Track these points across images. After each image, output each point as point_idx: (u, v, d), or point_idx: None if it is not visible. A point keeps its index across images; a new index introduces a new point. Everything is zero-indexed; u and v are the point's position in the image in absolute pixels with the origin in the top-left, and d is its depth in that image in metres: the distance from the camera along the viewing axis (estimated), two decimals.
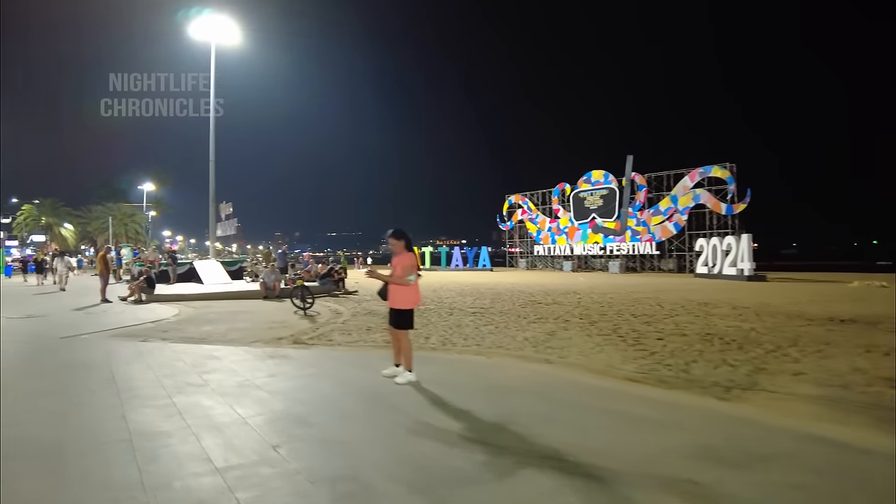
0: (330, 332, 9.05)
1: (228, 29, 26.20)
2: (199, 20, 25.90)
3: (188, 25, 26.14)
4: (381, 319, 10.62)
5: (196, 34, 25.93)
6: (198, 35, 25.92)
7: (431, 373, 5.63)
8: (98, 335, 8.82)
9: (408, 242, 5.48)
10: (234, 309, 12.71)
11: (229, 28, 26.22)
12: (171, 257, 22.88)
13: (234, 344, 7.94)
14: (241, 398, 4.87)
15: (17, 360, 6.74)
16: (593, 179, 35.28)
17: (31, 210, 65.07)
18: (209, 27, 25.74)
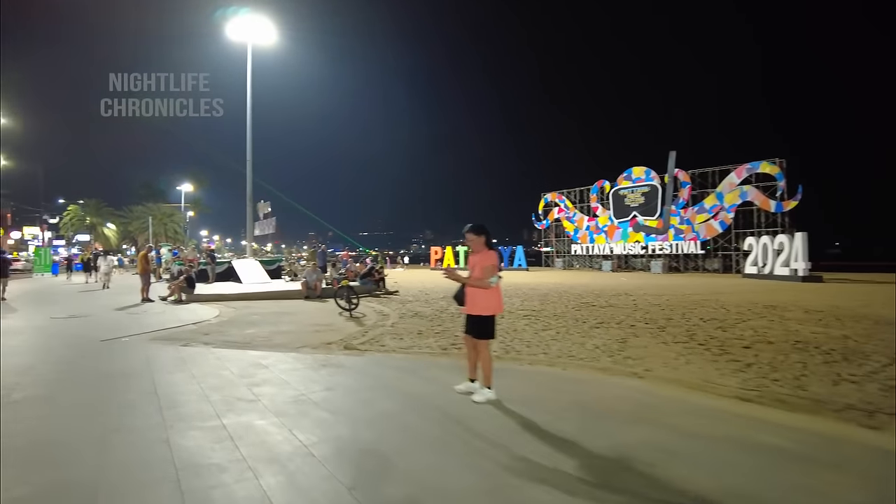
0: (380, 336, 8.37)
1: (264, 29, 25.90)
2: (236, 20, 25.67)
3: (225, 26, 25.96)
4: (429, 322, 9.92)
5: (233, 35, 25.72)
6: (235, 35, 25.70)
7: (506, 387, 4.87)
8: (138, 338, 8.32)
9: (488, 238, 4.73)
10: (276, 310, 12.17)
11: (265, 28, 25.93)
12: (209, 256, 22.61)
13: (281, 350, 7.32)
14: (299, 419, 4.19)
15: (59, 367, 6.23)
16: (634, 176, 33.99)
17: (76, 210, 66.48)
18: (246, 27, 25.49)
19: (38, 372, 5.90)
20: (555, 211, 38.80)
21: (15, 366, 6.24)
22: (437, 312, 11.46)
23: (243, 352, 7.08)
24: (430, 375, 5.65)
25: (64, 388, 5.24)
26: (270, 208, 25.05)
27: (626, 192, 34.33)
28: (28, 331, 9.23)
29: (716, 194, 30.12)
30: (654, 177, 33.07)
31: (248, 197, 26.49)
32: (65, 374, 5.80)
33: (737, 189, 29.22)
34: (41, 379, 5.60)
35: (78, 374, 5.81)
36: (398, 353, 7.08)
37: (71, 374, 5.81)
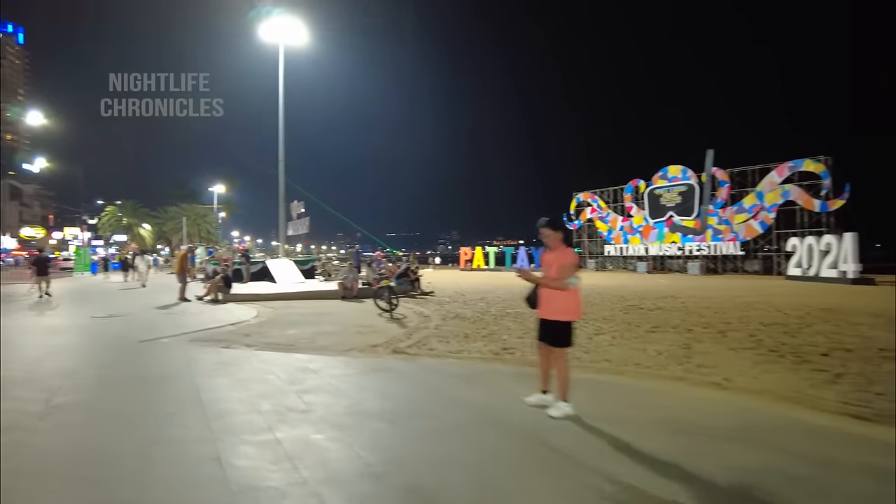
0: (426, 339, 7.94)
1: (296, 30, 25.76)
2: (268, 22, 25.59)
3: (258, 27, 25.90)
4: (473, 325, 9.47)
5: (265, 36, 25.66)
6: (267, 36, 25.62)
7: (580, 400, 4.33)
8: (177, 339, 8.04)
9: (566, 234, 4.24)
10: (315, 310, 11.86)
11: (296, 29, 25.79)
12: (244, 256, 22.55)
13: (326, 353, 6.95)
14: (359, 433, 3.78)
15: (100, 371, 5.96)
16: (670, 175, 33.01)
17: (113, 211, 67.91)
18: (278, 28, 25.38)
19: (80, 375, 5.63)
20: (587, 211, 37.93)
21: (58, 368, 5.99)
22: (478, 314, 11.00)
23: (288, 355, 6.72)
24: (492, 384, 5.19)
25: (105, 393, 4.93)
26: (304, 208, 24.89)
27: (661, 191, 33.36)
28: (71, 330, 9.08)
29: (755, 193, 29.03)
30: (690, 175, 32.07)
31: (281, 197, 26.40)
32: (106, 378, 5.51)
33: (778, 188, 28.11)
34: (83, 383, 5.31)
35: (119, 379, 5.50)
36: (449, 357, 6.64)
37: (112, 379, 5.51)
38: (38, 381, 5.38)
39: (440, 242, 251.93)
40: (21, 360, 6.44)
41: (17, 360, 6.50)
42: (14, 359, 6.55)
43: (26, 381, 5.37)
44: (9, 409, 4.33)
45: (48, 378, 5.48)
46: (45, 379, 5.46)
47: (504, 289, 18.49)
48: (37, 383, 5.27)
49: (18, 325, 9.97)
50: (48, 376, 5.58)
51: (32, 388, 5.05)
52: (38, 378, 5.50)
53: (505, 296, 15.38)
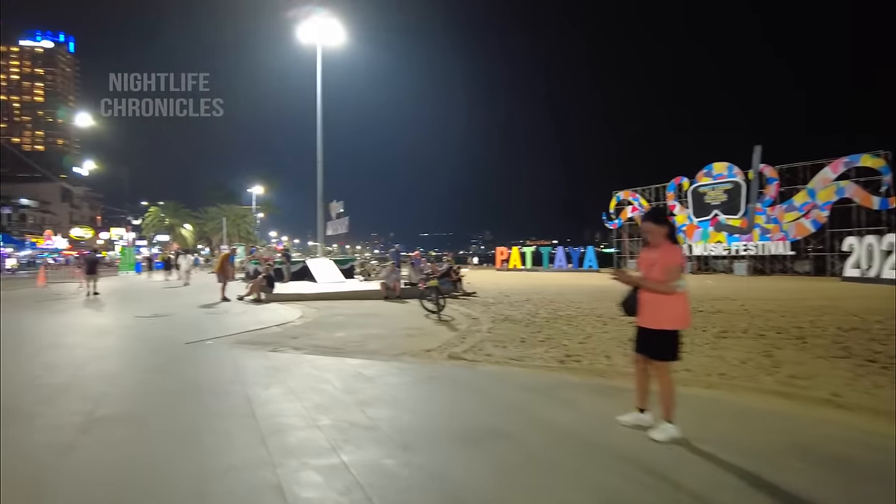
0: (481, 343, 7.39)
1: (333, 30, 25.52)
2: (306, 22, 25.41)
3: (296, 28, 25.76)
4: (526, 328, 8.89)
5: (303, 36, 25.49)
6: (305, 37, 25.45)
7: (679, 420, 3.76)
8: (223, 341, 7.69)
9: (672, 230, 3.65)
10: (359, 311, 11.44)
11: (334, 29, 25.54)
12: (285, 255, 22.42)
13: (378, 357, 6.47)
14: (433, 457, 3.25)
15: (145, 376, 5.60)
16: (715, 172, 31.72)
17: (156, 212, 69.37)
18: (315, 29, 25.18)
19: (124, 382, 5.27)
20: (628, 209, 36.83)
21: (104, 373, 5.66)
22: (527, 317, 10.41)
23: (340, 359, 6.26)
24: (570, 398, 4.60)
25: (151, 403, 4.52)
26: (343, 208, 24.64)
27: (706, 189, 32.10)
28: (116, 331, 8.86)
29: (807, 191, 27.62)
30: (737, 173, 30.76)
31: (319, 197, 26.20)
32: (151, 386, 5.12)
33: (832, 185, 26.65)
34: (128, 391, 4.94)
35: (165, 387, 5.11)
36: (510, 364, 6.08)
37: (158, 386, 5.12)
38: (81, 387, 5.04)
39: (472, 242, 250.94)
40: (67, 364, 6.15)
41: (62, 363, 6.22)
42: (60, 362, 6.28)
43: (70, 386, 5.03)
44: (49, 423, 3.97)
45: (92, 384, 5.14)
46: (88, 385, 5.12)
47: (547, 289, 17.83)
48: (80, 390, 4.92)
49: (67, 324, 9.84)
50: (92, 382, 5.24)
51: (76, 396, 4.70)
52: (82, 384, 5.17)
53: (551, 297, 14.74)
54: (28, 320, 10.35)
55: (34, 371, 5.79)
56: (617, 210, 37.71)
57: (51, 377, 5.46)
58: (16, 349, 7.20)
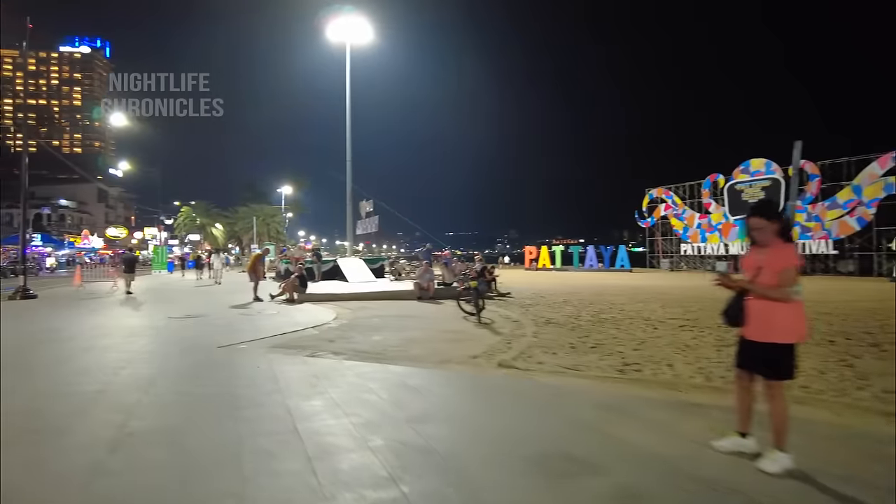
0: (529, 349, 6.89)
1: (362, 28, 25.20)
2: (335, 21, 25.16)
3: (325, 27, 25.52)
4: (573, 333, 8.36)
5: (332, 35, 25.25)
6: (334, 36, 25.21)
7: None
8: (257, 344, 7.34)
9: (785, 227, 3.09)
10: (394, 312, 11.04)
11: (363, 28, 25.22)
12: (316, 255, 22.18)
13: (422, 364, 6.03)
14: (510, 491, 2.79)
15: (178, 384, 5.25)
16: (752, 169, 30.60)
17: (188, 212, 70.23)
18: (344, 28, 24.90)
19: (158, 390, 4.90)
20: (661, 208, 35.80)
21: (137, 379, 5.32)
22: (571, 319, 9.88)
23: (382, 366, 5.83)
24: (647, 417, 4.06)
25: (186, 416, 4.14)
26: (373, 207, 24.32)
27: (743, 186, 30.99)
28: (149, 332, 8.58)
29: (852, 187, 26.40)
30: (775, 169, 29.63)
31: (348, 196, 25.89)
32: (186, 395, 4.75)
33: (880, 181, 25.40)
34: (161, 401, 4.56)
35: (200, 396, 4.73)
36: (567, 374, 5.57)
37: (192, 396, 4.74)
38: (113, 395, 4.70)
39: (498, 241, 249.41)
40: (98, 368, 5.85)
41: (94, 367, 5.92)
42: (92, 366, 5.98)
43: (101, 395, 4.70)
44: (78, 440, 3.61)
45: (124, 392, 4.80)
46: (120, 393, 4.78)
47: (583, 290, 17.22)
48: (112, 399, 4.58)
49: (101, 324, 9.62)
50: (124, 389, 4.89)
51: (107, 406, 4.35)
52: (114, 391, 4.83)
53: (590, 298, 14.14)
54: (64, 321, 10.19)
55: (67, 377, 5.52)
56: (650, 208, 36.69)
57: (83, 384, 5.14)
58: (52, 352, 6.99)
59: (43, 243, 49.42)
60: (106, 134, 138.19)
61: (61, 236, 59.82)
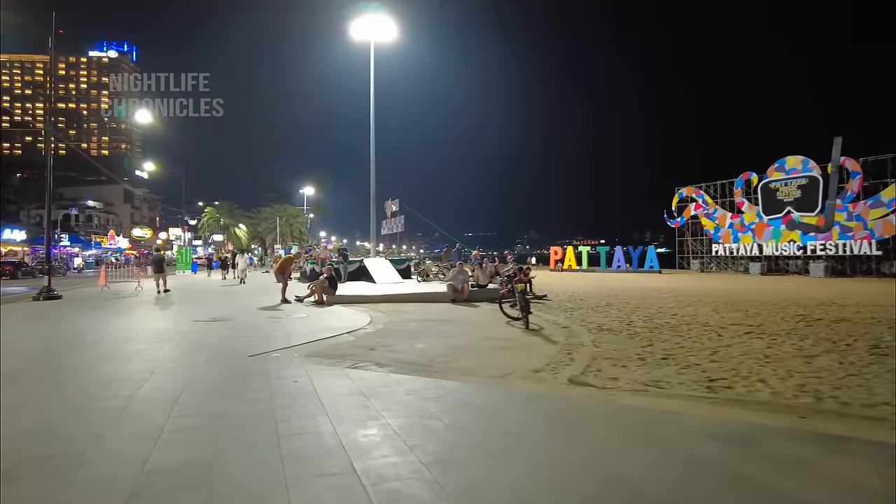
0: (594, 361, 6.11)
1: (386, 26, 24.61)
2: (359, 19, 24.61)
3: (349, 26, 24.98)
4: (631, 341, 7.58)
5: (357, 34, 24.71)
6: (358, 34, 24.66)
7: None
8: (292, 352, 6.67)
9: None
10: (431, 315, 10.31)
11: (386, 25, 24.62)
12: (341, 255, 21.60)
13: (478, 378, 5.28)
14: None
15: (206, 401, 4.55)
16: (788, 167, 29.27)
17: (212, 212, 70.39)
18: (368, 25, 24.34)
19: (184, 408, 4.23)
20: (691, 207, 34.57)
21: (162, 394, 4.67)
22: (623, 325, 9.08)
23: (435, 382, 5.09)
24: (790, 457, 3.20)
25: (217, 448, 3.42)
26: (398, 206, 23.69)
27: (778, 184, 29.69)
28: (174, 338, 7.94)
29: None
30: (812, 167, 28.29)
31: (372, 197, 25.28)
32: (215, 417, 4.04)
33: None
34: (188, 423, 3.87)
35: (232, 419, 4.03)
36: (650, 393, 4.79)
37: (224, 419, 4.04)
38: (135, 415, 4.05)
39: (518, 242, 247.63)
40: (121, 380, 5.21)
41: (118, 378, 5.29)
42: (116, 377, 5.34)
43: (123, 414, 4.04)
44: (93, 476, 2.94)
45: (147, 412, 4.14)
46: (143, 413, 4.11)
47: (621, 292, 16.33)
48: (133, 420, 3.92)
49: (125, 328, 9.07)
50: (148, 408, 4.23)
51: (128, 430, 3.70)
52: (137, 411, 4.17)
53: (633, 301, 13.28)
54: (87, 323, 9.67)
55: (86, 390, 4.90)
56: (679, 207, 35.46)
57: (103, 399, 4.52)
58: (73, 359, 6.41)
59: (71, 243, 49.73)
60: (132, 136, 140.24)
61: (88, 237, 60.35)
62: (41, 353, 6.96)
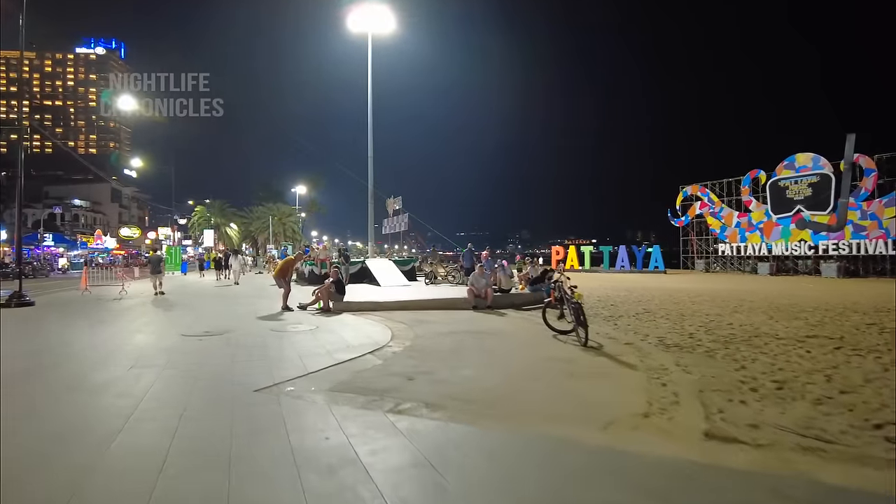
0: (704, 395, 4.67)
1: (384, 17, 23.24)
2: (358, 11, 23.22)
3: (348, 17, 23.59)
4: (713, 362, 6.21)
5: (353, 26, 23.36)
6: (354, 26, 23.32)
7: None
8: (310, 383, 5.18)
9: None
10: (459, 326, 8.82)
11: (385, 16, 23.25)
12: (343, 256, 20.02)
13: (575, 429, 3.83)
14: None
15: (204, 474, 3.08)
16: (798, 165, 28.19)
17: (202, 211, 68.23)
18: (366, 17, 22.97)
19: (169, 492, 2.76)
20: (696, 206, 33.38)
21: (137, 458, 3.17)
22: (686, 339, 7.71)
23: (520, 437, 3.63)
24: None
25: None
26: (400, 204, 22.20)
27: (787, 182, 28.60)
28: (159, 359, 6.36)
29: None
30: (823, 164, 27.23)
31: (370, 194, 23.82)
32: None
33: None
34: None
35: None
36: (827, 453, 3.39)
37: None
38: (100, 495, 2.58)
39: (510, 242, 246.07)
40: (81, 432, 3.72)
41: (76, 429, 3.78)
42: (72, 425, 3.83)
43: (81, 492, 2.57)
44: None
45: (119, 486, 2.67)
46: (113, 489, 2.65)
47: (643, 294, 14.97)
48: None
49: (100, 345, 7.46)
50: (120, 480, 2.76)
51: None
52: (98, 489, 2.69)
53: (665, 305, 11.88)
54: (56, 337, 8.11)
55: (31, 448, 3.40)
56: (684, 206, 34.27)
57: (51, 466, 3.03)
58: (23, 393, 4.81)
59: (55, 243, 47.61)
60: (121, 134, 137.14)
61: (74, 236, 58.05)
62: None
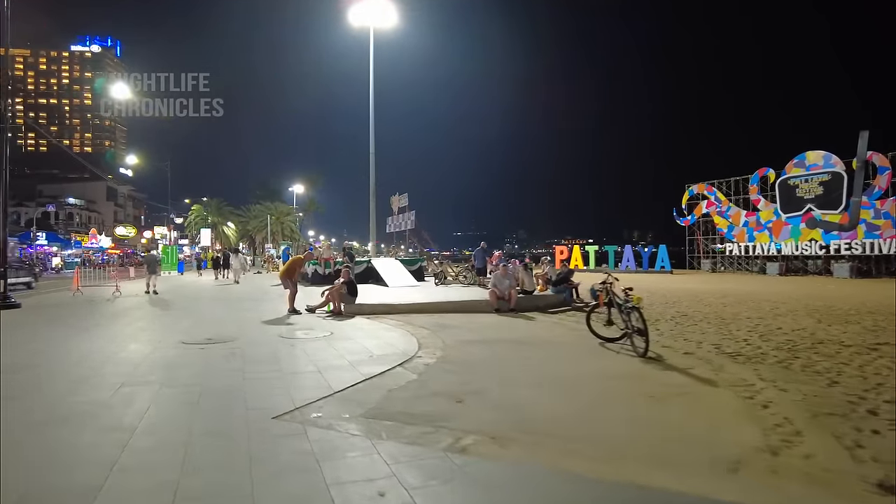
0: (818, 423, 3.83)
1: (385, 11, 22.37)
2: (359, 4, 22.34)
3: (349, 10, 22.73)
4: (804, 377, 5.35)
5: (354, 19, 22.50)
6: (356, 20, 22.46)
7: None
8: (340, 408, 4.28)
9: None
10: (488, 333, 7.92)
11: (386, 10, 22.38)
12: (348, 255, 19.08)
13: (691, 480, 2.96)
14: None
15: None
16: (808, 163, 27.43)
17: (199, 210, 66.98)
18: (367, 10, 22.09)
19: None
20: (703, 205, 32.60)
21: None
22: (745, 346, 6.86)
23: (637, 492, 2.76)
24: None
25: None
26: (406, 202, 21.30)
27: (797, 181, 27.83)
28: (154, 375, 5.44)
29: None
30: (835, 162, 26.47)
31: (372, 191, 22.91)
32: None
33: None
34: None
35: None
36: None
37: None
38: None
39: (507, 241, 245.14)
40: (53, 490, 2.81)
41: (45, 486, 2.87)
42: (50, 484, 2.91)
43: None
44: None
45: None
46: None
47: (665, 294, 14.12)
48: None
49: (87, 357, 6.49)
50: None
51: None
52: None
53: (695, 307, 11.03)
54: (39, 345, 7.17)
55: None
56: (690, 205, 33.48)
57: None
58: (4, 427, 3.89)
59: (49, 242, 46.41)
60: (116, 133, 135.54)
61: (69, 235, 56.81)
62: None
